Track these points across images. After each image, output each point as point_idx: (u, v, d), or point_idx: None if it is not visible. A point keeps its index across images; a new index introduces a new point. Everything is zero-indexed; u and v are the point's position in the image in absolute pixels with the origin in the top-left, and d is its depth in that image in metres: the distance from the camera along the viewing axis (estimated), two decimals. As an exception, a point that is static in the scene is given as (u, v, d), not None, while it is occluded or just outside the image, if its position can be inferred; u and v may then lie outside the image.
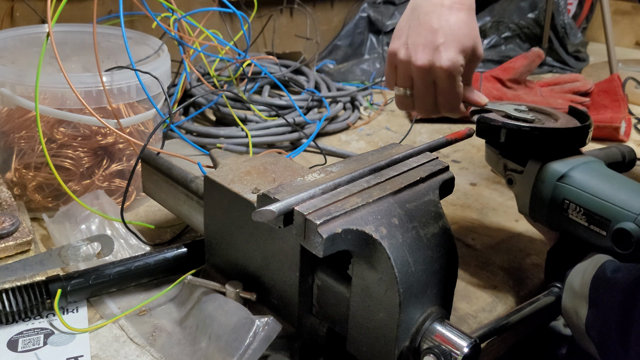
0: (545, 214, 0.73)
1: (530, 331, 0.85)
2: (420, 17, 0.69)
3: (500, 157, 0.78)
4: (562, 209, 0.70)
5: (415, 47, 0.69)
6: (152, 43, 1.00)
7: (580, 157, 0.73)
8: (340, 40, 1.79)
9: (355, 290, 0.56)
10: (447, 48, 0.68)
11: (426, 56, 0.68)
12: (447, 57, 0.68)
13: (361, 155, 0.63)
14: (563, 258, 0.72)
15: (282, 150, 1.11)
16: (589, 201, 0.68)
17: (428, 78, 0.70)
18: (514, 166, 0.76)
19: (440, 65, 0.68)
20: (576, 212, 0.69)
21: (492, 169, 0.82)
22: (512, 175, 0.76)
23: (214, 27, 1.18)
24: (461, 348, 0.53)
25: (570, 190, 0.69)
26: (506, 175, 0.78)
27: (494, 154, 0.79)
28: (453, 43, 0.68)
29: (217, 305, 0.64)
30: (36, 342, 0.65)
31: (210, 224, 0.69)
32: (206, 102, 1.21)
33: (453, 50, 0.68)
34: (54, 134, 0.85)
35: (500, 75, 1.42)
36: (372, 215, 0.53)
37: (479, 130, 0.74)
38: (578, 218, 0.69)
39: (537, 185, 0.72)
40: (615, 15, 2.22)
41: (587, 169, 0.70)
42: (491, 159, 0.80)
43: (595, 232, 0.68)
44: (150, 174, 0.82)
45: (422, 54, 0.69)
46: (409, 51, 0.70)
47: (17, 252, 0.75)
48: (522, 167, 0.75)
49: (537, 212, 0.74)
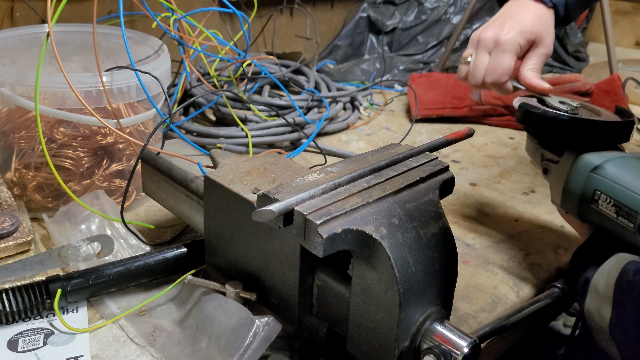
0: (576, 204, 0.74)
1: (530, 331, 0.85)
2: (504, 11, 0.87)
3: (538, 147, 0.80)
4: (593, 199, 0.71)
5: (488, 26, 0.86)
6: (152, 43, 1.00)
7: (617, 151, 0.74)
8: (340, 40, 1.79)
9: (355, 290, 0.56)
10: (510, 28, 0.82)
11: (493, 31, 0.84)
12: (507, 33, 0.82)
13: (361, 155, 0.63)
14: (588, 258, 0.72)
15: (282, 150, 1.11)
16: (620, 193, 0.68)
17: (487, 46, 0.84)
18: (551, 156, 0.78)
19: (499, 37, 0.82)
20: (606, 204, 0.70)
21: (531, 160, 0.87)
22: (548, 164, 0.78)
23: (214, 27, 1.18)
24: (461, 348, 0.53)
25: (602, 182, 0.70)
26: (542, 165, 0.79)
27: (532, 144, 0.81)
28: (517, 26, 0.82)
29: (217, 305, 0.64)
30: (36, 342, 0.65)
31: (210, 224, 0.69)
32: (206, 102, 1.21)
33: (515, 31, 0.82)
34: (54, 134, 0.85)
35: (500, 75, 1.42)
36: (372, 215, 0.53)
37: (519, 115, 0.77)
38: (607, 210, 0.70)
39: (571, 175, 0.74)
40: (615, 15, 2.22)
41: (621, 163, 0.71)
42: (530, 148, 0.82)
43: (623, 224, 0.68)
44: (150, 174, 0.82)
45: (490, 30, 0.84)
46: (484, 29, 0.86)
47: (17, 252, 0.75)
48: (558, 157, 0.76)
49: (568, 202, 0.75)
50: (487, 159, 1.21)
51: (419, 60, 1.75)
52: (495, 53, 0.82)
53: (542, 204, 1.03)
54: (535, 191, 1.08)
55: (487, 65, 0.84)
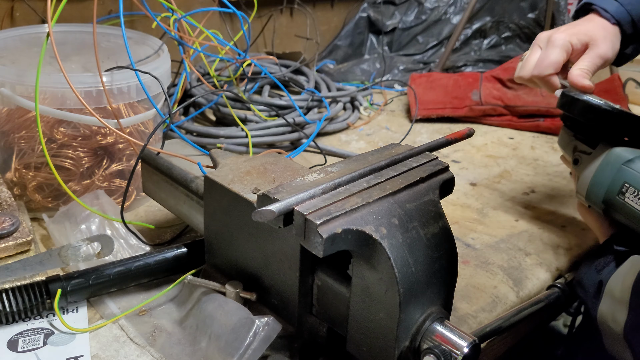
0: (602, 197, 0.75)
1: (530, 331, 0.85)
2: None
3: (572, 138, 0.82)
4: (620, 192, 0.73)
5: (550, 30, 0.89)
6: (152, 43, 0.99)
7: None
8: (340, 40, 1.79)
9: (355, 290, 0.56)
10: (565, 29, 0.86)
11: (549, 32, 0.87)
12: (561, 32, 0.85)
13: (361, 155, 0.63)
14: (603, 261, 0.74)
15: (282, 150, 1.11)
16: None
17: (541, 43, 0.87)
18: (584, 148, 0.80)
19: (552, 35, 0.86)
20: (633, 196, 0.71)
21: (562, 155, 0.89)
22: (579, 155, 0.80)
23: (214, 27, 1.17)
24: (461, 348, 0.53)
25: (633, 174, 0.72)
26: (574, 156, 0.81)
27: (567, 135, 0.83)
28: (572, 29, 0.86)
29: (217, 305, 0.64)
30: (36, 342, 0.65)
31: (210, 224, 0.69)
32: (206, 102, 1.21)
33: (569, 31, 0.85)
34: (54, 134, 0.85)
35: (501, 75, 1.42)
36: (372, 215, 0.53)
37: (562, 102, 0.79)
38: (633, 202, 0.71)
39: (602, 166, 0.75)
40: (615, 15, 2.22)
41: None
42: (563, 140, 0.84)
43: None
44: (150, 174, 0.82)
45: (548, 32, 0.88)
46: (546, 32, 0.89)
47: (17, 252, 0.75)
48: (591, 149, 0.78)
49: (594, 195, 0.77)
50: (487, 159, 1.21)
51: (419, 60, 1.75)
52: (546, 48, 0.85)
53: (542, 204, 1.03)
54: (535, 191, 1.08)
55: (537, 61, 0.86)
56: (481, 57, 1.76)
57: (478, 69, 1.70)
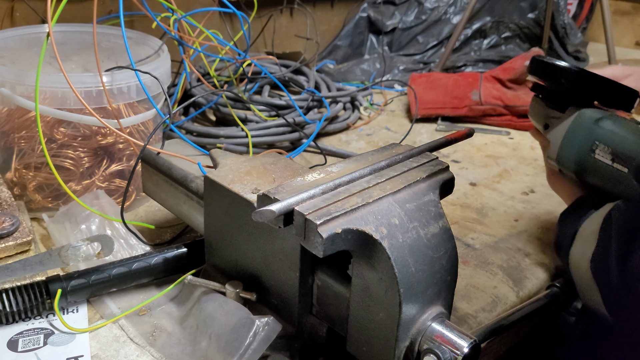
0: (573, 157, 0.77)
1: (530, 331, 0.85)
2: None
3: (543, 106, 0.83)
4: (591, 149, 0.74)
5: None
6: (152, 43, 0.99)
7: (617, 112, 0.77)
8: (340, 40, 1.79)
9: (355, 290, 0.56)
10: None
11: None
12: None
13: (361, 155, 0.63)
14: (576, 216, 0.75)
15: (282, 150, 1.11)
16: (619, 141, 0.72)
17: None
18: (555, 114, 0.81)
19: None
20: (603, 152, 0.73)
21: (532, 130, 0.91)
22: (550, 120, 0.82)
23: (214, 27, 1.18)
24: (461, 348, 0.53)
25: (603, 132, 0.74)
26: (544, 121, 0.83)
27: (537, 105, 0.85)
28: None
29: (217, 305, 0.64)
30: (36, 342, 0.65)
31: (210, 224, 0.69)
32: (206, 102, 1.21)
33: None
34: (54, 134, 0.85)
35: (500, 75, 1.42)
36: (372, 215, 0.53)
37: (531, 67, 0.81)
38: (604, 158, 0.73)
39: (573, 127, 0.77)
40: (615, 15, 2.23)
41: (620, 119, 0.75)
42: (534, 110, 0.86)
43: (618, 170, 0.71)
44: (150, 174, 0.82)
45: None
46: None
47: (17, 252, 0.75)
48: (561, 113, 0.80)
49: (565, 156, 0.78)
50: (487, 159, 1.21)
51: (419, 60, 1.75)
52: None
53: (542, 204, 1.03)
54: (535, 191, 1.08)
55: None
56: (481, 57, 1.76)
57: (478, 69, 1.70)
